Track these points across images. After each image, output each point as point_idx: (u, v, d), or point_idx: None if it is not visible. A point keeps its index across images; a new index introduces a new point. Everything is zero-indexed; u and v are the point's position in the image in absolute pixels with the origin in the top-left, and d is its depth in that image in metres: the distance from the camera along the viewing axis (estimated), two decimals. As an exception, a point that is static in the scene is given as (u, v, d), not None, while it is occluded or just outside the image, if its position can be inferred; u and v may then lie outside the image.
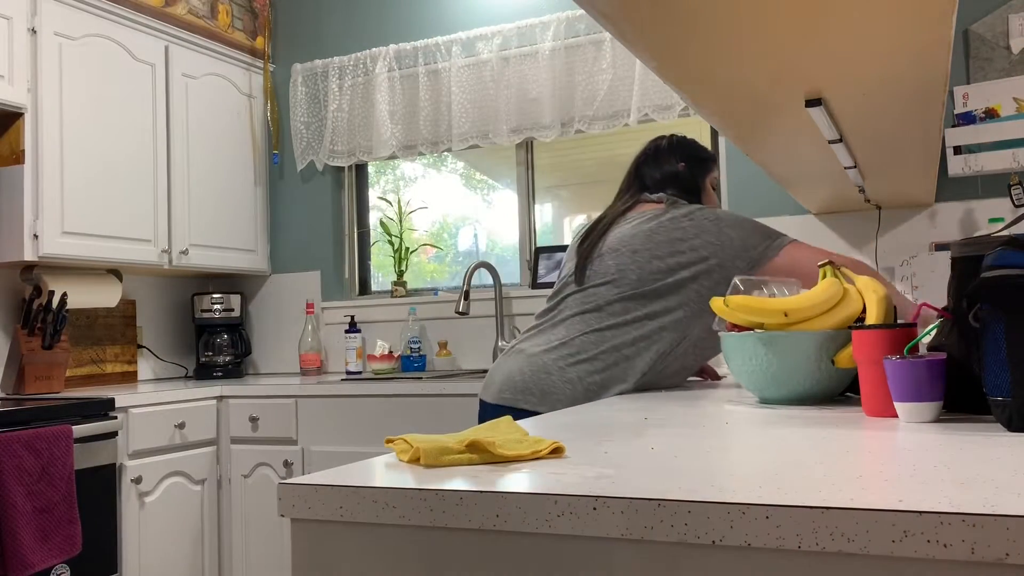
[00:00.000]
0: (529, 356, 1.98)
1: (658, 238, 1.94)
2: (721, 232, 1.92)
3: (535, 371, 1.95)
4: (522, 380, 1.96)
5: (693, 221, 1.94)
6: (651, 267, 1.93)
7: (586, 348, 1.94)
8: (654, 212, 2.00)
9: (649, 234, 1.95)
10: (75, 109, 3.10)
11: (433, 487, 0.89)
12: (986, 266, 1.15)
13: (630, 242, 1.97)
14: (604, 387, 1.93)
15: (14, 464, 2.37)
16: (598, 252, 2.01)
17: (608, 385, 1.93)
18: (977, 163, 2.79)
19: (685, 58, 1.32)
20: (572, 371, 1.93)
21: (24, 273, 3.18)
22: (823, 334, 1.56)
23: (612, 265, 1.97)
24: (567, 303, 2.03)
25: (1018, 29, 2.79)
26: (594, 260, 2.01)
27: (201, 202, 3.62)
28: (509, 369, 2.00)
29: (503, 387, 1.99)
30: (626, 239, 1.98)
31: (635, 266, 1.94)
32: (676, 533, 0.77)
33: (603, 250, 2.01)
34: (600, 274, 1.99)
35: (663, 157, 2.15)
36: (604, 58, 3.34)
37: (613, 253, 1.98)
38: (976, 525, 0.68)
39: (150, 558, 2.93)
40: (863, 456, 0.99)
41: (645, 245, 1.95)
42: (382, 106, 3.74)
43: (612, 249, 1.99)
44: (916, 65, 1.34)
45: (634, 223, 2.00)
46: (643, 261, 1.94)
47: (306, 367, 3.72)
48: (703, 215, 1.95)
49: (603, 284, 1.97)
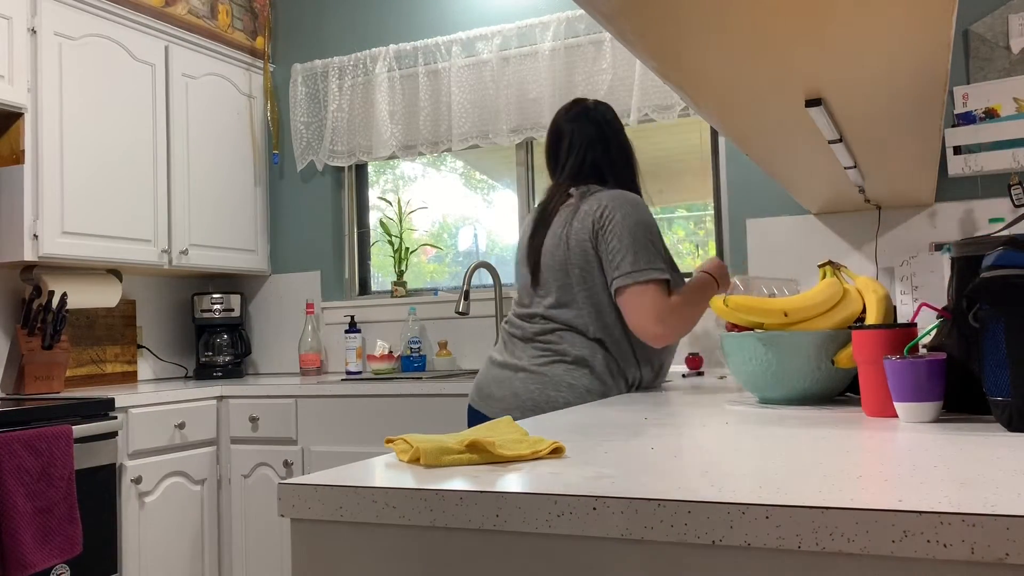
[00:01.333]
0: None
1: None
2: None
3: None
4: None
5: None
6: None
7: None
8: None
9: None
10: (75, 109, 3.09)
11: (433, 487, 0.89)
12: (986, 266, 1.15)
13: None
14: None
15: (14, 464, 2.37)
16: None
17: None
18: (977, 163, 2.79)
19: (685, 58, 1.32)
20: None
21: (24, 273, 3.18)
22: (823, 334, 1.56)
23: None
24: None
25: (1018, 29, 2.79)
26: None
27: (201, 202, 3.62)
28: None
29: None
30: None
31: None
32: (676, 533, 0.77)
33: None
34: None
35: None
36: (604, 58, 3.34)
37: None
38: (976, 525, 0.68)
39: (150, 558, 2.93)
40: (863, 456, 0.99)
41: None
42: (382, 106, 3.74)
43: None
44: (916, 65, 1.34)
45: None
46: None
47: (306, 367, 3.72)
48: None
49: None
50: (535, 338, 2.06)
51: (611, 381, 2.02)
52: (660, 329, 1.94)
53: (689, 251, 3.53)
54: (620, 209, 1.99)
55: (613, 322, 2.01)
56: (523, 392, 2.02)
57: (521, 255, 2.18)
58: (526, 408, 1.99)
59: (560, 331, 2.03)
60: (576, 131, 2.17)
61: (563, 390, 1.99)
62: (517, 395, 2.02)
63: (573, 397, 1.98)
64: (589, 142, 2.15)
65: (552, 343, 2.03)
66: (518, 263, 2.21)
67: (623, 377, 2.05)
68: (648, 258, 1.96)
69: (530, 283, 2.11)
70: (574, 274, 2.02)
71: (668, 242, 2.42)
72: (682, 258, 3.52)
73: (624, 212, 1.99)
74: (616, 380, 2.03)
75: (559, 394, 1.98)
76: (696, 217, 3.53)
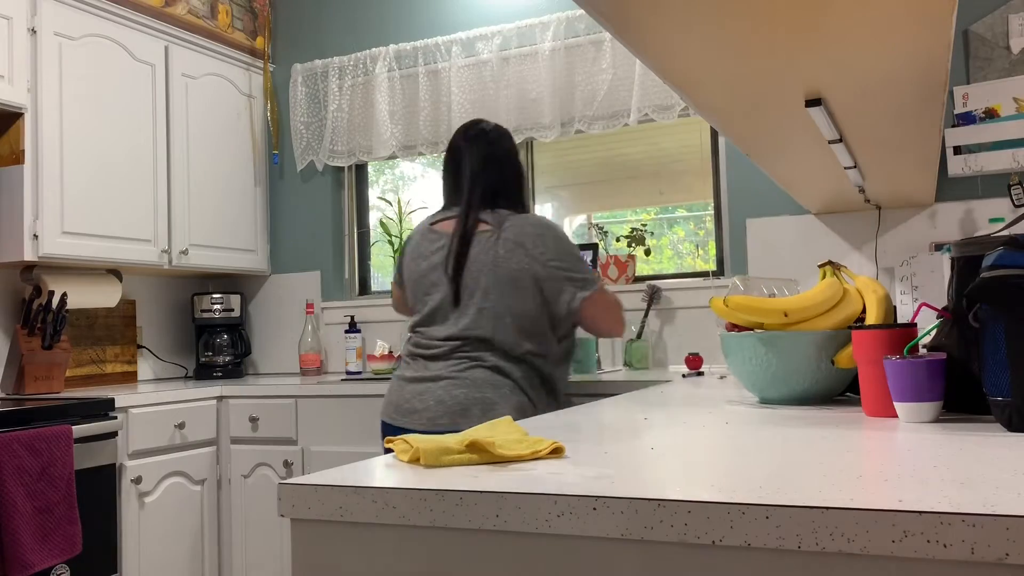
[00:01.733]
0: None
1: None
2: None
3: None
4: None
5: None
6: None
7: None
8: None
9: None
10: (75, 109, 3.09)
11: (433, 487, 0.89)
12: (986, 266, 1.15)
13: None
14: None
15: (14, 464, 2.37)
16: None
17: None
18: (977, 163, 2.79)
19: (685, 58, 1.32)
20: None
21: (24, 273, 3.18)
22: (823, 334, 1.56)
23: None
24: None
25: (1018, 29, 2.79)
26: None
27: (201, 202, 3.62)
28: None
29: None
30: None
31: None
32: (676, 533, 0.77)
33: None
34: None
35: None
36: (604, 58, 3.34)
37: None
38: (976, 525, 0.68)
39: (150, 558, 2.93)
40: (863, 456, 0.99)
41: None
42: (382, 106, 3.74)
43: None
44: (916, 65, 1.34)
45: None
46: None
47: (306, 367, 3.72)
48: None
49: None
50: (450, 354, 2.15)
51: (533, 393, 2.15)
52: (623, 325, 2.27)
53: (689, 251, 3.53)
54: (549, 231, 2.19)
55: (538, 342, 2.16)
56: (447, 398, 2.09)
57: (435, 277, 2.23)
58: (454, 412, 2.07)
59: (477, 348, 2.14)
60: (475, 153, 2.29)
61: (487, 391, 2.08)
62: (442, 401, 2.09)
63: (498, 397, 2.08)
64: (487, 165, 2.28)
65: (468, 352, 2.14)
66: (428, 285, 2.25)
67: (543, 391, 2.19)
68: (588, 270, 2.21)
69: (450, 304, 2.19)
70: (497, 297, 2.14)
71: (667, 242, 2.51)
72: (682, 258, 3.53)
73: (554, 235, 2.19)
74: (538, 393, 2.16)
75: (483, 395, 2.07)
76: (696, 217, 3.53)
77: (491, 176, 2.26)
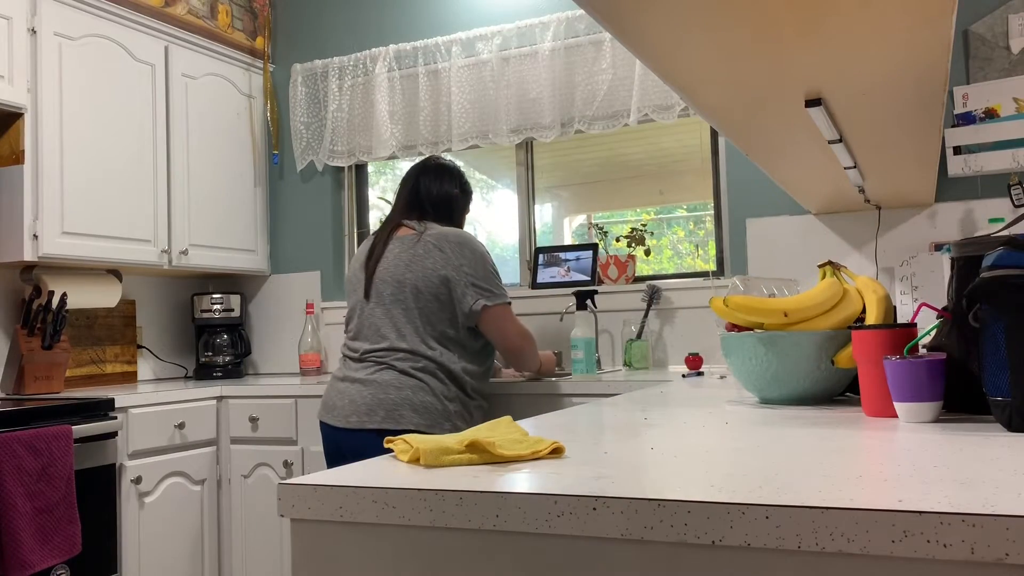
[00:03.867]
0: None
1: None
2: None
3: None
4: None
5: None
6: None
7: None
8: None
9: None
10: (75, 109, 3.09)
11: (433, 487, 0.89)
12: (986, 266, 1.15)
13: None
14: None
15: (14, 464, 2.37)
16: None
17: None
18: (977, 163, 2.79)
19: (685, 58, 1.32)
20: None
21: (24, 273, 3.18)
22: (823, 334, 1.56)
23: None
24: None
25: (1018, 29, 2.79)
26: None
27: (201, 202, 3.62)
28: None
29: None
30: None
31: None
32: (676, 533, 0.77)
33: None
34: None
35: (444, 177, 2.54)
36: (604, 58, 3.34)
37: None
38: (976, 525, 0.68)
39: (150, 558, 2.93)
40: (863, 456, 0.99)
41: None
42: (382, 106, 3.74)
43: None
44: (916, 65, 1.34)
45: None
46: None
47: (306, 367, 3.72)
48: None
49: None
50: (364, 358, 2.36)
51: (442, 392, 2.29)
52: (524, 344, 2.44)
53: (689, 251, 3.53)
54: (470, 245, 2.36)
55: (447, 343, 2.33)
56: (359, 399, 2.30)
57: (356, 280, 2.48)
58: (362, 413, 2.28)
59: (387, 351, 2.33)
60: (413, 177, 2.55)
61: (391, 392, 2.27)
62: (354, 402, 2.30)
63: (401, 399, 2.27)
64: (421, 190, 2.51)
65: (378, 357, 2.33)
66: (352, 287, 2.49)
67: (455, 388, 2.32)
68: (500, 288, 2.38)
69: (363, 304, 2.42)
70: (407, 296, 2.33)
71: (667, 242, 2.58)
72: (682, 258, 3.53)
73: (473, 249, 2.36)
74: (448, 390, 2.30)
75: (387, 396, 2.27)
76: (696, 217, 3.53)
77: (423, 198, 2.49)
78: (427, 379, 2.29)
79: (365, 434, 2.27)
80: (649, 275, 3.44)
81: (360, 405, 2.29)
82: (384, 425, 2.25)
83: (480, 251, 2.39)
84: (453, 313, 2.34)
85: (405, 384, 2.28)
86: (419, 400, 2.27)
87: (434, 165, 2.57)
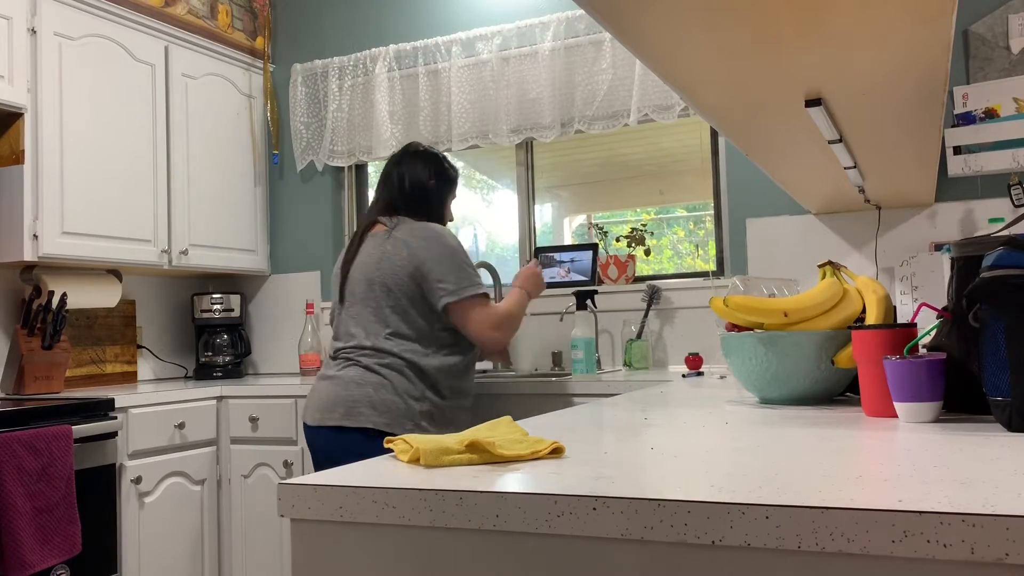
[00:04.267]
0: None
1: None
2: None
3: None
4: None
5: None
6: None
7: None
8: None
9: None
10: (75, 109, 3.09)
11: (433, 487, 0.89)
12: (986, 266, 1.15)
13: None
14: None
15: (14, 464, 2.37)
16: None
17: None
18: (977, 163, 2.79)
19: (685, 59, 1.32)
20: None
21: (24, 273, 3.18)
22: (823, 334, 1.56)
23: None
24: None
25: (1018, 29, 2.79)
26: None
27: (201, 202, 3.62)
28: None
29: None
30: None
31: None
32: (676, 533, 0.77)
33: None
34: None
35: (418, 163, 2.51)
36: (604, 58, 3.34)
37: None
38: (976, 525, 0.68)
39: (150, 558, 2.93)
40: (863, 456, 0.99)
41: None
42: (382, 106, 3.74)
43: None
44: (916, 65, 1.34)
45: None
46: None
47: (306, 367, 3.72)
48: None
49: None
50: (337, 354, 2.38)
51: (406, 389, 2.27)
52: (497, 334, 2.34)
53: (689, 251, 3.53)
54: (439, 239, 2.33)
55: (415, 339, 2.31)
56: (325, 395, 2.31)
57: (334, 279, 2.50)
58: (324, 410, 2.28)
59: (354, 348, 2.33)
60: (388, 170, 2.52)
61: (352, 389, 2.27)
62: (321, 399, 2.32)
63: (361, 395, 2.26)
64: (390, 179, 2.49)
65: (347, 353, 2.34)
66: (333, 285, 2.50)
67: (424, 385, 2.30)
68: (470, 279, 2.33)
69: (338, 303, 2.45)
70: (376, 294, 2.33)
71: (667, 242, 2.54)
72: (682, 258, 3.53)
73: (441, 243, 2.33)
74: (415, 387, 2.28)
75: (348, 393, 2.26)
76: (696, 217, 3.53)
77: (395, 191, 2.47)
78: (392, 376, 2.27)
79: (326, 431, 2.27)
80: (649, 275, 3.44)
81: (324, 402, 2.29)
82: (342, 422, 2.24)
83: (448, 244, 2.34)
84: (427, 308, 2.32)
85: (367, 381, 2.26)
86: (379, 398, 2.24)
87: (410, 152, 2.53)
